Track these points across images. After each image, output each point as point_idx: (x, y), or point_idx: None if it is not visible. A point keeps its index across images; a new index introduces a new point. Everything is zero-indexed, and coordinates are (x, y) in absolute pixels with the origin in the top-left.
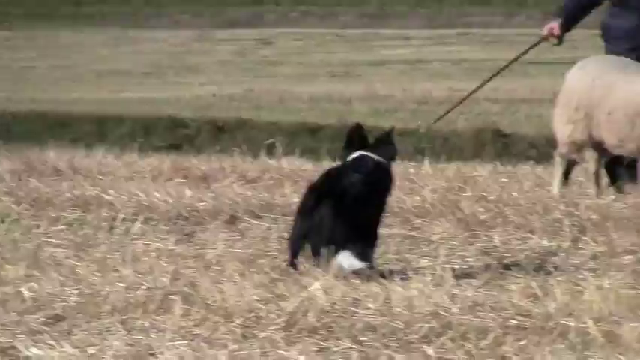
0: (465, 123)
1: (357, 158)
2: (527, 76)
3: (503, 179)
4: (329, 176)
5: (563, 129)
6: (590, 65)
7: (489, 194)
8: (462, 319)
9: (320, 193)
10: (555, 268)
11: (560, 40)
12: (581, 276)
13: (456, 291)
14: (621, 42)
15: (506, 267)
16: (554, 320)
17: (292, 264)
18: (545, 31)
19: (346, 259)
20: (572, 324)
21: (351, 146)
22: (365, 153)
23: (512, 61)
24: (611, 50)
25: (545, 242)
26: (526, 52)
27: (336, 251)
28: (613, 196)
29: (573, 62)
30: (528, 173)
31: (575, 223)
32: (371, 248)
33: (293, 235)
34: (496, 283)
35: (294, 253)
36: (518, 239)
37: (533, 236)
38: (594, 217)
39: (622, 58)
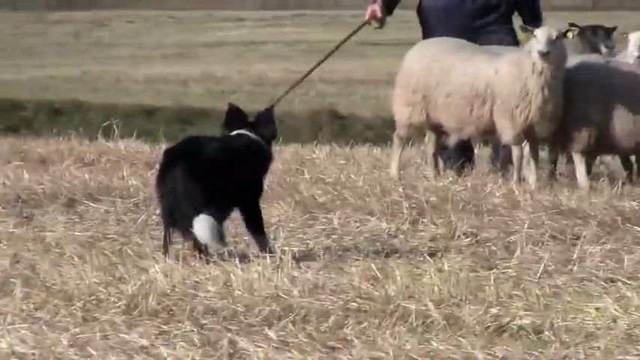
0: (302, 105)
1: (230, 135)
2: (364, 58)
3: (340, 161)
4: (187, 142)
5: (402, 111)
6: (428, 47)
7: (327, 176)
8: (302, 302)
9: (175, 154)
10: (395, 250)
11: (382, 23)
12: (421, 258)
13: (296, 274)
14: (438, 22)
15: (346, 249)
16: (395, 303)
17: (165, 248)
18: (367, 15)
19: (201, 230)
20: (412, 307)
21: (229, 125)
22: (242, 131)
23: (339, 45)
24: (428, 32)
25: (384, 224)
26: (350, 36)
27: (191, 217)
28: (451, 178)
29: (409, 43)
30: (365, 155)
31: (414, 205)
32: (221, 224)
33: (162, 211)
34: (336, 266)
35: (168, 237)
36: (357, 221)
37: (372, 218)
38: (433, 199)
39: (459, 40)
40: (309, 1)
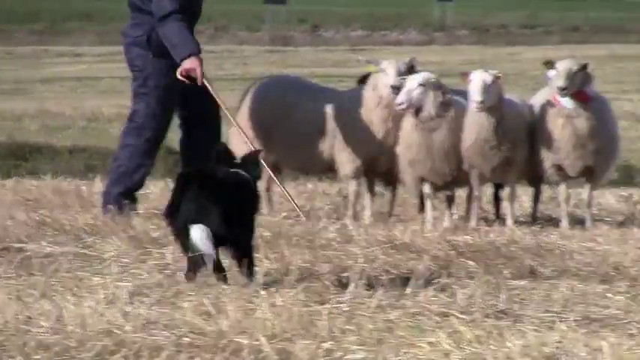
0: None
1: (227, 170)
2: None
3: None
4: (199, 168)
5: (241, 147)
6: (272, 85)
7: (161, 211)
8: (135, 337)
9: (189, 176)
10: (228, 285)
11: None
12: (254, 293)
13: (128, 309)
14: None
15: (179, 284)
16: (227, 338)
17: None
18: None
19: (199, 233)
20: (245, 341)
21: (218, 164)
22: (236, 170)
23: None
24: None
25: None
26: None
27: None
28: (285, 214)
29: (244, 78)
30: None
31: None
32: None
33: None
34: (169, 301)
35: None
36: None
37: None
38: (267, 234)
39: (303, 79)
40: None
